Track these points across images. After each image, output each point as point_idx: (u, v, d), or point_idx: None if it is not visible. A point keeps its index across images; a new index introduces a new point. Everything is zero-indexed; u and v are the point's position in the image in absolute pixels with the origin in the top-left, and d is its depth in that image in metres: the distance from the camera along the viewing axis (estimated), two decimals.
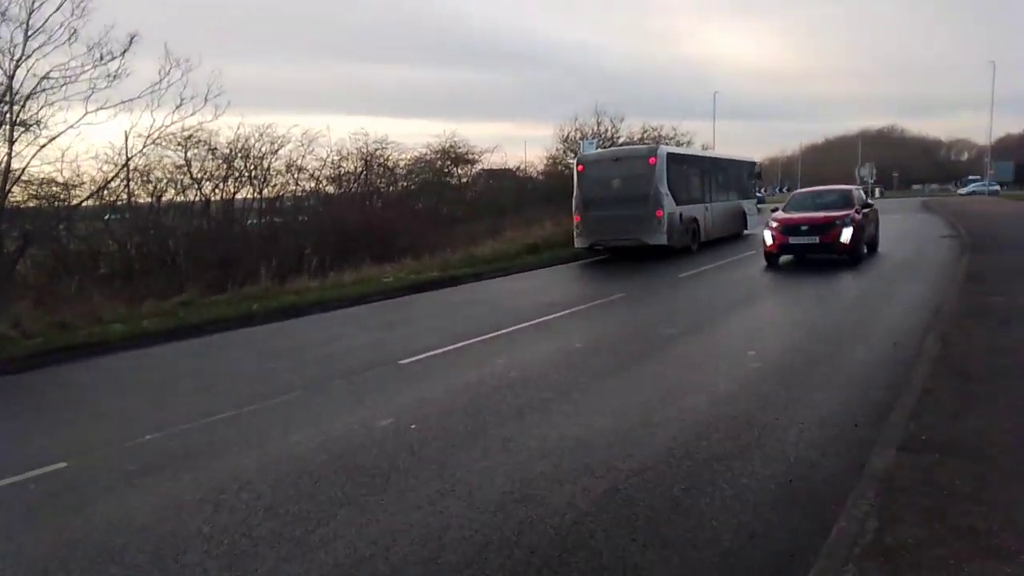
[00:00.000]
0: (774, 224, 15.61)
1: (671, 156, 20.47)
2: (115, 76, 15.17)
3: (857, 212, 15.36)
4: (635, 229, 19.17)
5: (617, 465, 4.65)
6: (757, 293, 12.30)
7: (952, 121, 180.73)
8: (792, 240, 15.15)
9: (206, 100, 16.88)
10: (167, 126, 17.49)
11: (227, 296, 14.00)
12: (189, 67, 16.48)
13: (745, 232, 25.86)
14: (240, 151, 23.46)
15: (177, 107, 16.87)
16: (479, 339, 9.27)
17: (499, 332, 9.65)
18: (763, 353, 7.60)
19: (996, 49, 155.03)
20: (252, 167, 23.79)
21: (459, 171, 34.79)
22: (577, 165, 21.35)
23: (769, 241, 15.59)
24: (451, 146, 32.53)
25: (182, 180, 22.08)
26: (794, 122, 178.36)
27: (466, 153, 33.65)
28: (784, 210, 16.71)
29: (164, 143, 21.67)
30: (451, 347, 8.83)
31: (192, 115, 17.38)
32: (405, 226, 21.61)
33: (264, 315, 12.40)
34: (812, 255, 15.31)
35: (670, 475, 4.45)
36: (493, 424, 5.66)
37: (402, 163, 30.12)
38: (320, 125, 60.87)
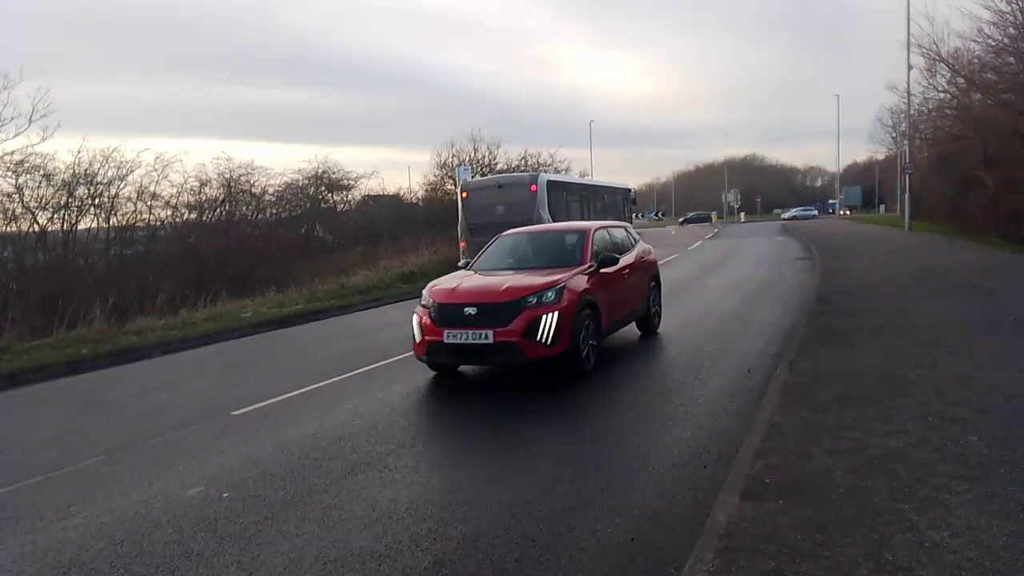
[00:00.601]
0: (425, 302, 8.17)
1: (551, 183, 20.77)
2: None
3: (587, 274, 8.23)
4: None
5: (448, 533, 4.12)
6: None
7: (806, 150, 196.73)
8: (449, 338, 7.50)
9: (31, 120, 15.21)
10: None
11: (52, 340, 12.44)
12: (7, 83, 14.79)
13: None
14: (83, 177, 21.53)
15: None
16: (332, 380, 8.56)
17: (356, 371, 8.97)
18: (617, 386, 7.35)
19: (844, 82, 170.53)
20: (96, 194, 21.87)
21: (335, 197, 33.71)
22: (461, 192, 21.23)
23: (417, 336, 7.98)
24: (324, 171, 31.47)
25: (12, 209, 19.93)
26: (666, 149, 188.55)
27: (341, 179, 32.67)
28: (469, 269, 9.61)
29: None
30: (298, 392, 8.06)
31: (14, 137, 15.62)
32: (270, 256, 20.36)
33: (94, 361, 11.05)
34: (483, 364, 8.25)
35: (504, 541, 3.97)
36: (319, 487, 4.99)
37: (271, 189, 28.75)
38: (178, 149, 57.00)
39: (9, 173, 20.00)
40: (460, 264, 20.80)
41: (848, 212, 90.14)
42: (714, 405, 6.50)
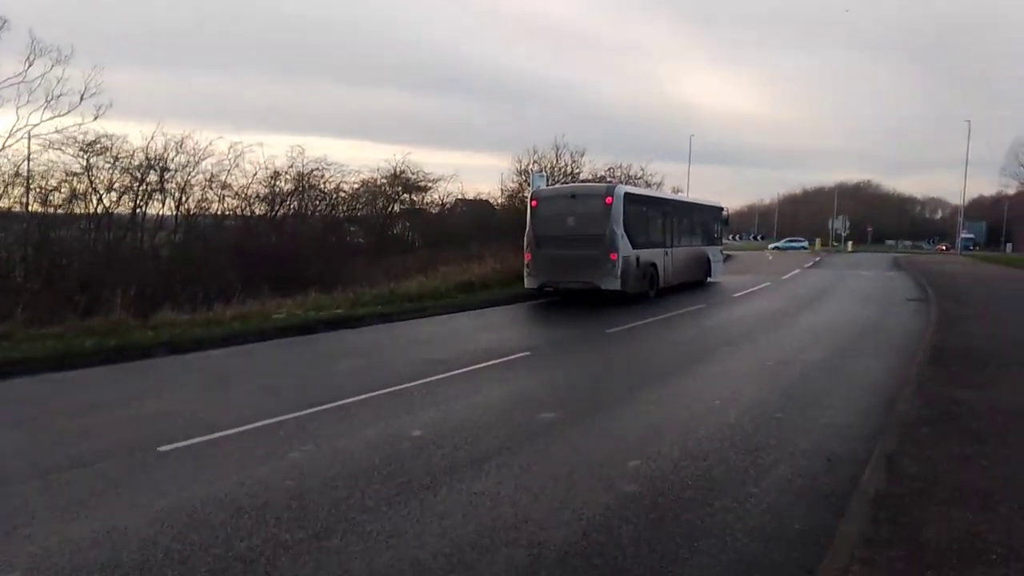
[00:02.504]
0: None
1: (629, 196, 18.86)
2: None
3: None
4: (588, 271, 17.73)
5: None
6: (688, 361, 10.27)
7: (926, 180, 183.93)
8: None
9: (82, 98, 14.77)
10: (35, 125, 15.32)
11: (62, 328, 11.67)
12: (61, 58, 14.39)
13: (709, 280, 24.43)
14: (154, 160, 21.32)
15: (47, 103, 14.73)
16: (306, 412, 7.11)
17: (339, 403, 7.49)
18: (648, 468, 5.50)
19: (972, 112, 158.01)
20: (165, 180, 21.63)
21: (412, 198, 32.85)
22: (531, 200, 19.74)
23: None
24: (401, 171, 30.59)
25: (77, 189, 19.84)
26: (773, 171, 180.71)
27: (418, 180, 31.74)
28: None
29: (62, 146, 19.56)
30: (252, 425, 6.63)
31: (66, 113, 15.26)
32: (325, 254, 19.40)
33: (84, 357, 10.08)
34: None
35: None
36: None
37: (345, 186, 28.07)
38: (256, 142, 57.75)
39: (81, 153, 19.96)
40: (526, 276, 19.48)
41: (945, 248, 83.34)
42: (769, 516, 4.56)
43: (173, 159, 21.45)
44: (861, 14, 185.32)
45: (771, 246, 74.02)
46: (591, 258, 17.79)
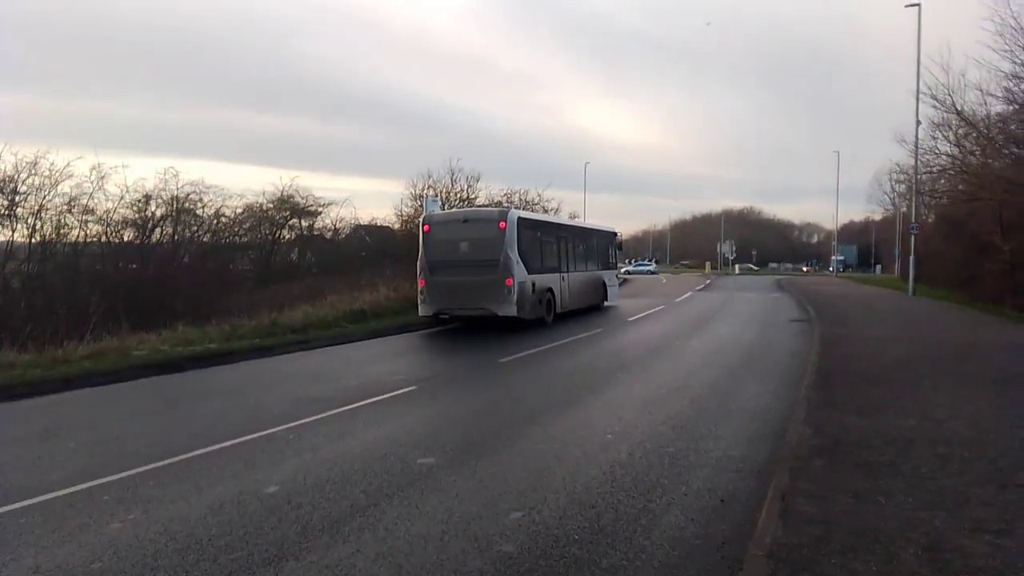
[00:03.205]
0: None
1: (523, 221, 18.53)
2: None
3: None
4: (483, 298, 17.20)
5: None
6: (582, 390, 9.86)
7: (804, 206, 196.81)
8: None
9: None
10: None
11: None
12: None
13: (605, 304, 24.53)
14: (4, 183, 19.23)
15: None
16: (146, 468, 6.15)
17: (188, 455, 6.54)
18: (531, 521, 4.93)
19: (846, 140, 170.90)
20: (16, 204, 19.54)
21: (302, 223, 31.44)
22: (423, 225, 18.99)
23: None
24: (289, 195, 29.22)
25: None
26: (664, 199, 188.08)
27: (308, 205, 30.44)
28: None
29: None
30: (77, 488, 5.63)
31: None
32: (198, 284, 17.92)
33: None
34: None
35: None
36: None
37: (227, 210, 26.45)
38: (122, 163, 53.05)
39: None
40: (420, 303, 18.73)
41: (807, 269, 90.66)
42: (661, 572, 4.08)
43: (25, 180, 19.48)
44: (736, 50, 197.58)
45: (623, 269, 76.59)
46: (486, 284, 17.32)
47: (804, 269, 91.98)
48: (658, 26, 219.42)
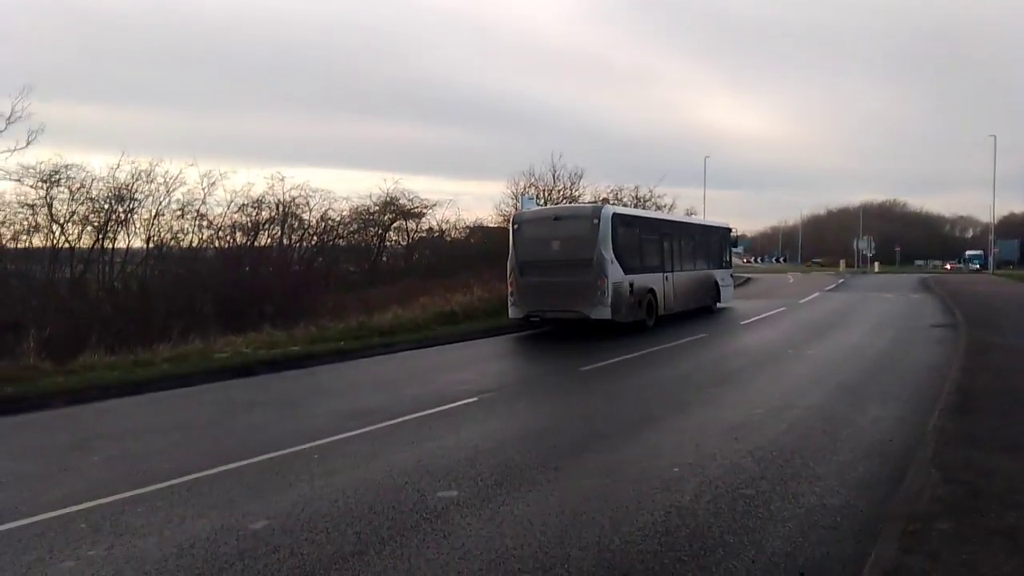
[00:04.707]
0: None
1: (619, 217, 17.26)
2: None
3: None
4: (575, 299, 16.16)
5: None
6: (662, 408, 8.58)
7: (954, 198, 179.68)
8: None
9: (8, 122, 13.67)
10: None
11: None
12: None
13: (718, 305, 22.69)
14: (124, 189, 20.26)
15: None
16: (141, 491, 5.62)
17: (193, 476, 5.97)
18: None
19: (998, 129, 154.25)
20: (133, 210, 20.56)
21: (408, 225, 31.55)
22: (512, 223, 18.17)
23: None
24: (394, 198, 29.29)
25: (37, 222, 18.80)
26: (797, 194, 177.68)
27: (412, 206, 30.42)
28: None
29: (19, 178, 18.60)
30: (61, 512, 5.16)
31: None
32: (293, 286, 18.02)
33: None
34: None
35: None
36: None
37: (332, 213, 26.85)
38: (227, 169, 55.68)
39: (40, 184, 18.96)
40: (510, 306, 17.89)
41: (951, 267, 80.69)
42: None
43: (141, 189, 20.43)
44: (879, 33, 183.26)
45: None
46: (578, 285, 16.23)
47: (947, 267, 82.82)
48: (785, 11, 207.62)
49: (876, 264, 76.07)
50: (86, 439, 7.51)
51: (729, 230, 26.31)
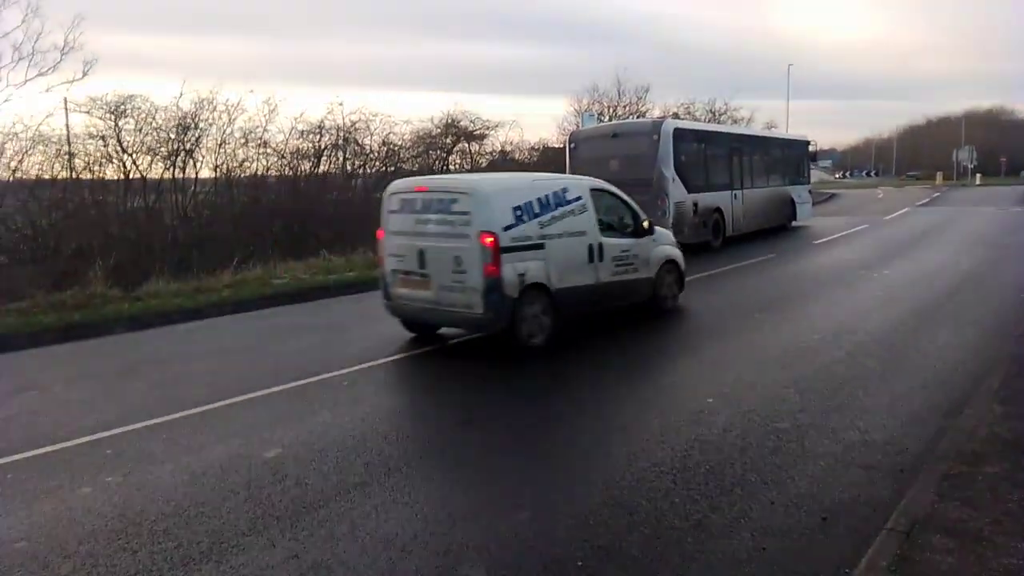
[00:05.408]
0: None
1: (681, 132, 16.38)
2: None
3: None
4: None
5: None
6: (709, 335, 8.18)
7: None
8: None
9: (63, 53, 13.89)
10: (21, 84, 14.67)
11: (28, 304, 10.89)
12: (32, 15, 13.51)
13: (794, 223, 21.55)
14: (186, 119, 20.56)
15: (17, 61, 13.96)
16: (177, 416, 5.73)
17: (223, 403, 6.04)
18: (532, 527, 3.68)
19: None
20: (195, 139, 20.88)
21: (470, 147, 31.04)
22: (569, 142, 17.58)
23: None
24: (455, 119, 28.69)
25: (101, 153, 19.33)
26: (892, 102, 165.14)
27: (475, 128, 29.77)
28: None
29: (88, 110, 19.09)
30: (92, 438, 5.31)
31: (51, 71, 14.51)
32: (352, 213, 18.13)
33: (35, 335, 9.18)
34: None
35: None
36: None
37: (394, 137, 26.60)
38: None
39: (108, 115, 19.43)
40: None
41: None
42: None
43: (205, 117, 20.64)
44: None
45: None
46: (638, 205, 15.61)
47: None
48: None
49: (978, 176, 70.47)
50: (137, 364, 7.78)
51: (807, 143, 24.66)
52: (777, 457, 4.49)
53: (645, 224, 8.90)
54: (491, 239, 6.92)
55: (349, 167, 24.89)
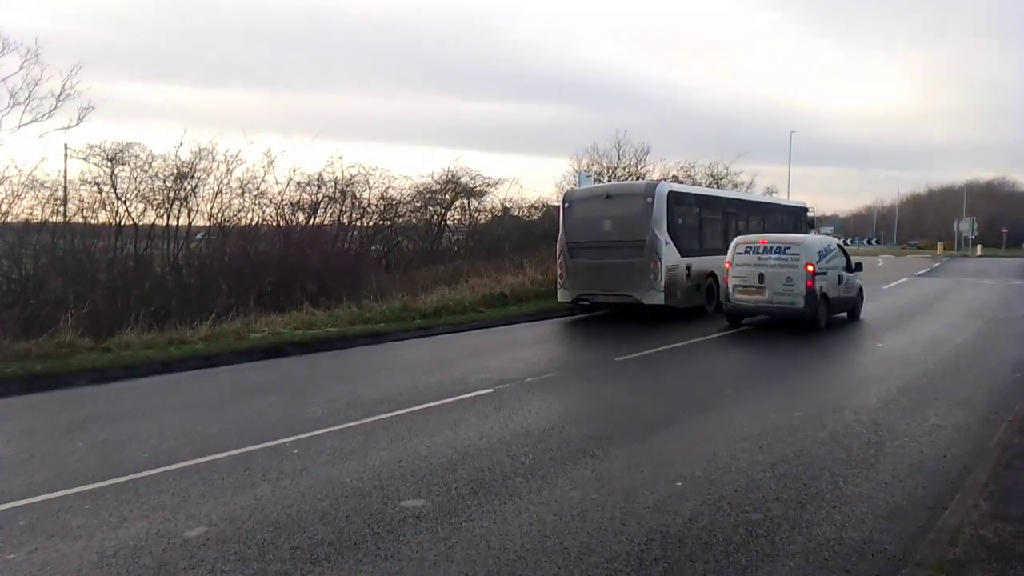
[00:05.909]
0: None
1: (675, 195, 16.28)
2: None
3: None
4: (627, 283, 15.35)
5: None
6: (685, 410, 7.80)
7: None
8: None
9: (58, 100, 13.93)
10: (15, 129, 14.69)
11: None
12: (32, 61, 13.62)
13: None
14: (187, 166, 20.61)
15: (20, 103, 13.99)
16: (97, 485, 5.36)
17: (159, 470, 5.67)
18: None
19: None
20: (192, 188, 20.88)
21: (470, 205, 31.13)
22: (563, 202, 17.47)
23: None
24: (455, 175, 28.83)
25: (95, 199, 19.28)
26: (893, 169, 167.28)
27: (475, 185, 29.89)
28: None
29: (86, 156, 19.14)
30: (6, 506, 4.91)
31: (46, 117, 14.55)
32: (340, 266, 17.94)
33: None
34: None
35: None
36: None
37: (392, 191, 26.69)
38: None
39: (105, 161, 19.46)
40: (559, 288, 17.18)
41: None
42: None
43: (202, 167, 20.68)
44: None
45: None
46: (630, 268, 15.37)
47: None
48: None
49: (979, 247, 70.57)
50: (83, 421, 7.40)
51: (806, 209, 24.69)
52: (743, 555, 4.09)
53: (854, 264, 15.10)
54: (811, 267, 13.09)
55: (345, 220, 24.91)
